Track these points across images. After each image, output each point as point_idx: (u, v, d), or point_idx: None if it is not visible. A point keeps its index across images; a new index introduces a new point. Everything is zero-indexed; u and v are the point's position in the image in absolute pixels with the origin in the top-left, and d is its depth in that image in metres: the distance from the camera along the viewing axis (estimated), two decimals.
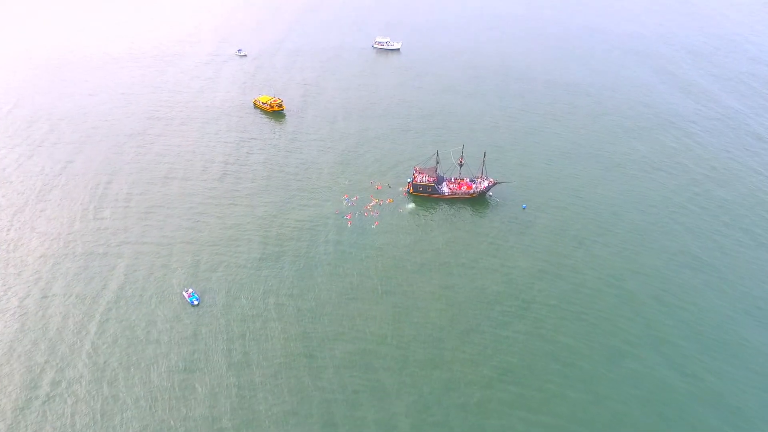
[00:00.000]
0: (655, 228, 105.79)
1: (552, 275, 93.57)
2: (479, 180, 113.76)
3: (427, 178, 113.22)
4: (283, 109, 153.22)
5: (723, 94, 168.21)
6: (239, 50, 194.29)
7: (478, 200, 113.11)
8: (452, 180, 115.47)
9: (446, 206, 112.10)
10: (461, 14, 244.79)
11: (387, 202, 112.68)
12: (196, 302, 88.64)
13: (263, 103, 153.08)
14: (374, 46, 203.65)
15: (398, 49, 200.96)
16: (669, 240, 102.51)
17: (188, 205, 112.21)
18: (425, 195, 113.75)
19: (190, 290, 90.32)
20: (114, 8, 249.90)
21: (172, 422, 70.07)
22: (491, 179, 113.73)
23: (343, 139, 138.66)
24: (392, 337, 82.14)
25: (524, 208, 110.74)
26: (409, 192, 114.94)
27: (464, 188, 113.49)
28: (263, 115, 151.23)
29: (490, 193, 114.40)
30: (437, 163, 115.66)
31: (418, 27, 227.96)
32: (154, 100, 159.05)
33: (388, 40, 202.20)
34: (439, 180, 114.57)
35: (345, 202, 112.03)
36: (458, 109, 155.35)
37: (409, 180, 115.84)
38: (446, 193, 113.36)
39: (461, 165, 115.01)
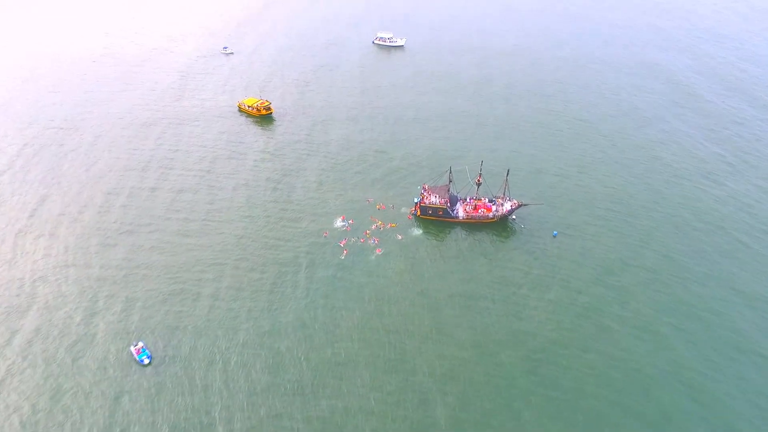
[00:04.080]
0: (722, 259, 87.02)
1: (592, 318, 75.03)
2: (500, 201, 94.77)
3: (438, 198, 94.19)
4: (271, 113, 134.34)
5: None
6: (225, 48, 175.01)
7: (499, 225, 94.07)
8: (468, 201, 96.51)
9: (461, 232, 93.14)
10: (471, 7, 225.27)
11: (389, 226, 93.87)
12: (147, 360, 69.86)
13: (249, 107, 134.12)
14: (375, 42, 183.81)
15: (402, 45, 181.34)
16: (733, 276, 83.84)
17: (147, 225, 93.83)
18: (436, 218, 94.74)
19: (140, 344, 71.37)
20: (93, 6, 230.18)
21: None
22: (515, 201, 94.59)
23: (338, 148, 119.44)
24: (399, 403, 63.48)
25: (555, 236, 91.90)
26: (415, 215, 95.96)
27: (482, 211, 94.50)
28: (249, 120, 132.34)
29: (513, 217, 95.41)
30: (450, 181, 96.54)
31: (425, 22, 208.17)
32: (124, 102, 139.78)
33: (390, 35, 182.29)
34: (453, 201, 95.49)
35: (341, 225, 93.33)
36: (471, 115, 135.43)
37: (416, 200, 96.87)
38: (461, 217, 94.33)
39: (479, 184, 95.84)
